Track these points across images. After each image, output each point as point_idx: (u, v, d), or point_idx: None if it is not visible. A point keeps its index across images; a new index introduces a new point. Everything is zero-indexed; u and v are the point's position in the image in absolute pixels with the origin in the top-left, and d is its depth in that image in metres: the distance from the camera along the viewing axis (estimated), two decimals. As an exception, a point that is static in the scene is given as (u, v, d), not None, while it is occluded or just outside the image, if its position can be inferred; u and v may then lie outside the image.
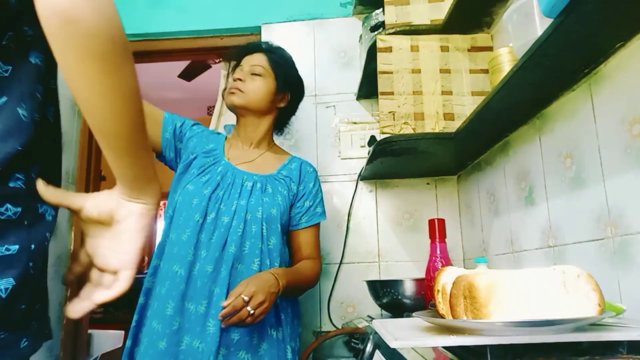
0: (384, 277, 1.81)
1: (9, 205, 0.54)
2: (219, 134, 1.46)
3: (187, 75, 3.90)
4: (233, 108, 1.40)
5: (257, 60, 1.40)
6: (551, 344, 0.56)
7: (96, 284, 0.64)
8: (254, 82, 1.38)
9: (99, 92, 0.54)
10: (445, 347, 0.63)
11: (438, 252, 1.27)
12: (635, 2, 0.70)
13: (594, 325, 0.62)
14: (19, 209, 0.55)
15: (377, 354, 0.96)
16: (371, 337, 1.09)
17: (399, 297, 1.34)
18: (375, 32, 1.54)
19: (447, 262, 1.26)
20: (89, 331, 2.22)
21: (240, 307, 1.10)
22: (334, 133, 1.94)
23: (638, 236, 0.80)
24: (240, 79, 1.38)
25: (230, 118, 2.04)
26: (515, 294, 0.58)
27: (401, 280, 1.35)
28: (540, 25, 0.95)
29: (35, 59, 0.59)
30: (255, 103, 1.38)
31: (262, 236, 1.27)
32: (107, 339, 2.84)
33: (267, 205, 1.30)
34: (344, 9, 2.04)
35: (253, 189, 1.31)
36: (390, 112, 1.45)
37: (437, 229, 1.29)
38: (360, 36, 1.80)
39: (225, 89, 1.44)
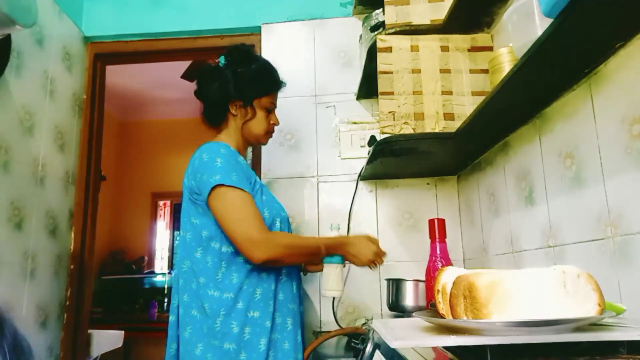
0: (383, 277, 1.81)
1: None
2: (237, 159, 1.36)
3: (190, 75, 3.90)
4: (259, 143, 1.50)
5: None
6: (551, 344, 0.56)
7: None
8: None
9: None
10: (445, 347, 0.63)
11: (438, 252, 1.27)
12: (635, 2, 0.70)
13: (594, 325, 0.62)
14: None
15: (377, 354, 0.96)
16: (371, 337, 1.09)
17: None
18: (375, 32, 1.53)
19: (447, 262, 1.25)
20: (89, 331, 2.22)
21: None
22: (334, 133, 1.94)
23: (638, 236, 0.80)
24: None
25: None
26: (515, 294, 0.58)
27: None
28: (540, 25, 0.95)
29: None
30: None
31: None
32: (107, 339, 2.84)
33: None
34: (344, 9, 2.04)
35: None
36: (390, 112, 1.45)
37: (437, 229, 1.28)
38: (360, 36, 1.80)
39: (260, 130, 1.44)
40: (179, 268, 1.32)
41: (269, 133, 1.45)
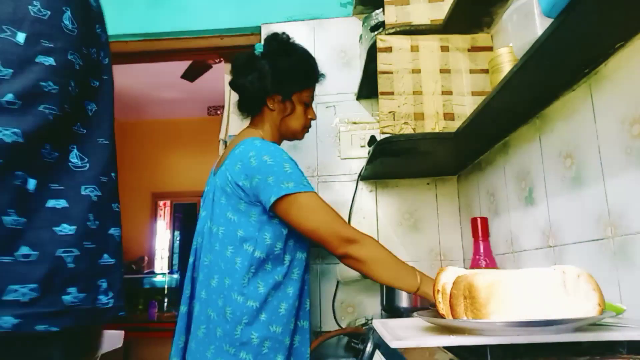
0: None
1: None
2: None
3: (190, 75, 3.90)
4: (295, 139, 1.46)
5: None
6: (551, 344, 0.56)
7: None
8: None
9: None
10: (445, 347, 0.63)
11: (481, 250, 1.27)
12: (635, 2, 0.70)
13: (594, 325, 0.62)
14: None
15: (377, 354, 0.96)
16: (371, 337, 1.09)
17: None
18: (375, 32, 1.53)
19: (490, 260, 1.25)
20: (89, 331, 2.22)
21: None
22: (334, 133, 1.94)
23: (638, 236, 0.80)
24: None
25: (234, 127, 2.04)
26: (515, 294, 0.58)
27: None
28: (540, 25, 0.95)
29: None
30: None
31: None
32: (107, 339, 2.84)
33: None
34: (344, 9, 2.04)
35: None
36: (390, 112, 1.45)
37: (480, 228, 1.29)
38: (360, 36, 1.80)
39: (298, 126, 1.40)
40: (198, 260, 1.27)
41: (306, 128, 1.41)
